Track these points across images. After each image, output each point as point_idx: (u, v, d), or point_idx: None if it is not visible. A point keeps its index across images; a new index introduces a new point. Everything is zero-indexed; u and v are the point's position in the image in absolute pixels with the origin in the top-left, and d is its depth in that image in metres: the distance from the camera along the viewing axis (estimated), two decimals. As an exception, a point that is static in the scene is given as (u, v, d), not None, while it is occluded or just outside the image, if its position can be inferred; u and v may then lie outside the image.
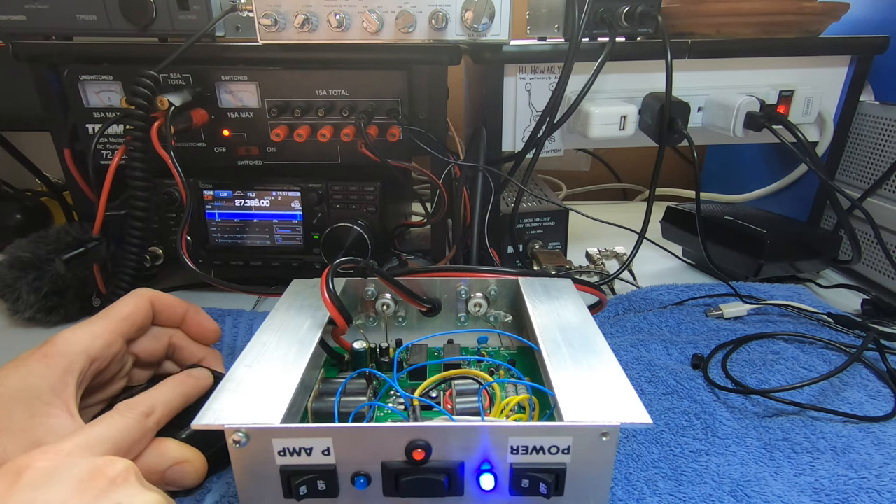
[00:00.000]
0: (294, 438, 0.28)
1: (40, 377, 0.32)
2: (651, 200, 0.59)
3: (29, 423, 0.30)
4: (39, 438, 0.30)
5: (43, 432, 0.30)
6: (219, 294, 0.62)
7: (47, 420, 0.31)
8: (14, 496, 0.25)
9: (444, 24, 0.49)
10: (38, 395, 0.31)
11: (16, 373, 0.32)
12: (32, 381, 0.32)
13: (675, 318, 0.55)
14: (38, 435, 0.30)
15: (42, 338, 0.34)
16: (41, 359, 0.32)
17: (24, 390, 0.31)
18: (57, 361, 0.32)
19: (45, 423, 0.31)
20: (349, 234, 0.56)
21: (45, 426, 0.30)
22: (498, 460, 0.29)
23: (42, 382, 0.32)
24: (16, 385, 0.31)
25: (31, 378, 0.32)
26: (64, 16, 0.52)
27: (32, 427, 0.30)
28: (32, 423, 0.30)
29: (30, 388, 0.31)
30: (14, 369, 0.32)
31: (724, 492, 0.35)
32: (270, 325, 0.38)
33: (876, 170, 0.64)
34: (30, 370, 0.32)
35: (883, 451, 0.38)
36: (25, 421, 0.30)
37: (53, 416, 0.31)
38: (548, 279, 0.44)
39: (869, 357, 0.48)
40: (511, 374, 0.40)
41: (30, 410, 0.31)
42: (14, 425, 0.30)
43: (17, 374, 0.32)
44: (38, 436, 0.30)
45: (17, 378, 0.32)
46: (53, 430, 0.30)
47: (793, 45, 0.59)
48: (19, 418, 0.30)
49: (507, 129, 0.60)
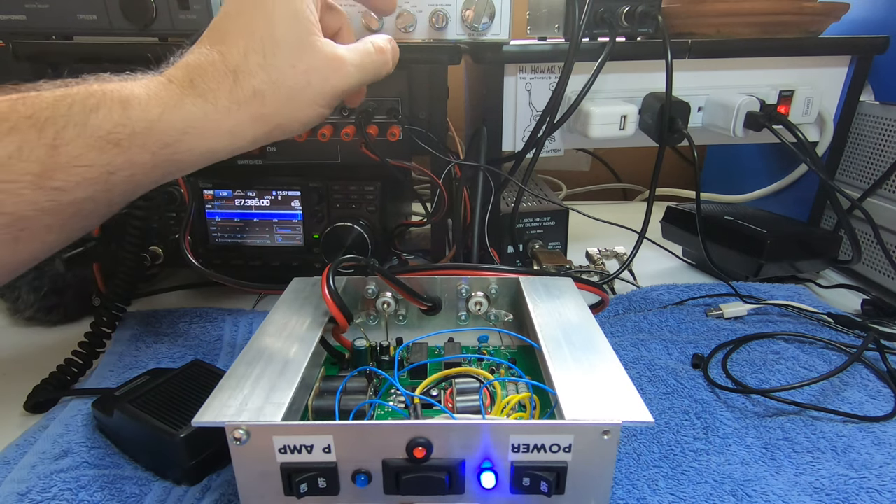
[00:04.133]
0: (295, 436, 0.28)
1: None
2: (651, 200, 0.59)
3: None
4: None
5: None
6: (219, 294, 0.62)
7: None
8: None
9: (444, 24, 0.49)
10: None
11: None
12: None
13: (676, 317, 0.55)
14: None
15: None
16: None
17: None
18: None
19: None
20: (349, 234, 0.56)
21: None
22: (499, 458, 0.29)
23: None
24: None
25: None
26: (64, 15, 0.52)
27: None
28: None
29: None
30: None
31: (724, 491, 0.35)
32: (271, 324, 0.38)
33: (876, 170, 0.64)
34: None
35: (883, 450, 0.38)
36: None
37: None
38: (549, 278, 0.44)
39: (869, 357, 0.48)
40: (512, 372, 0.40)
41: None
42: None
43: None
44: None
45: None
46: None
47: (793, 45, 0.59)
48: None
49: (507, 128, 0.60)
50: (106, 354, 0.49)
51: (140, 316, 0.55)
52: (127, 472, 0.36)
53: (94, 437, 0.39)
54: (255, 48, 0.32)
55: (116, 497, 0.34)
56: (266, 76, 0.32)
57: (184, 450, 0.34)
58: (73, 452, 0.37)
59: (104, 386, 0.43)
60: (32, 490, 0.33)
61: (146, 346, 0.50)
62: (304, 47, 0.33)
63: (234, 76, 0.32)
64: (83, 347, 0.47)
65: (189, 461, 0.35)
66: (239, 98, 0.32)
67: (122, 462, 0.37)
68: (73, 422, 0.40)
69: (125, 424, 0.37)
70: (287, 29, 0.33)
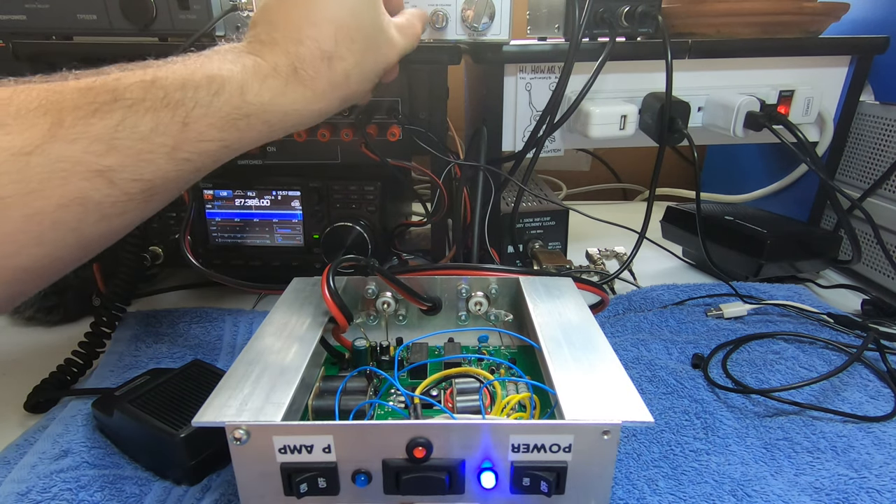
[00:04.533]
0: (295, 436, 0.28)
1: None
2: (651, 200, 0.59)
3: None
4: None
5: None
6: (219, 294, 0.62)
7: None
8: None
9: (444, 24, 0.49)
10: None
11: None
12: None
13: (676, 317, 0.55)
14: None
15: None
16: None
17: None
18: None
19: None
20: (349, 234, 0.56)
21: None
22: (499, 458, 0.29)
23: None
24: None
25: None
26: (64, 15, 0.52)
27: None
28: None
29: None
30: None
31: (724, 491, 0.35)
32: (271, 323, 0.38)
33: (876, 170, 0.64)
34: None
35: (883, 450, 0.38)
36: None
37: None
38: (549, 278, 0.44)
39: (869, 357, 0.48)
40: (512, 372, 0.40)
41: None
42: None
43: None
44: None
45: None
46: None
47: (793, 45, 0.59)
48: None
49: (507, 128, 0.60)
50: (106, 354, 0.49)
51: (140, 316, 0.55)
52: (127, 472, 0.36)
53: (94, 437, 0.39)
54: (344, 34, 0.35)
55: (116, 497, 0.34)
56: (353, 59, 0.36)
57: (184, 450, 0.34)
58: (73, 452, 0.37)
59: (104, 386, 0.43)
60: (32, 490, 0.33)
61: (146, 346, 0.50)
62: (377, 28, 0.38)
63: (329, 63, 0.35)
64: (83, 347, 0.47)
65: (189, 461, 0.35)
66: (334, 82, 0.35)
67: (122, 462, 0.37)
68: (73, 422, 0.40)
69: (125, 424, 0.37)
70: (365, 11, 0.36)
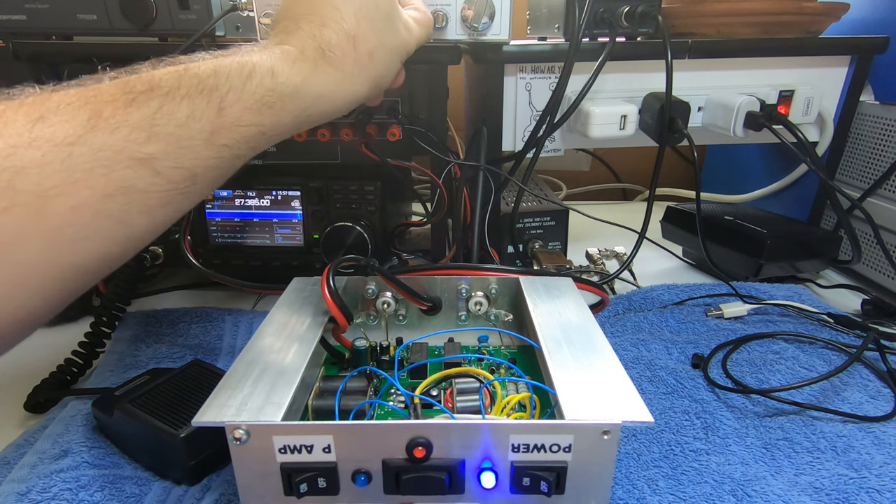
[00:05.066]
0: (295, 436, 0.28)
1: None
2: (651, 200, 0.59)
3: None
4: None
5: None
6: (219, 294, 0.62)
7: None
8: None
9: (444, 24, 0.49)
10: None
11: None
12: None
13: (676, 317, 0.55)
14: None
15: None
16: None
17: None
18: None
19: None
20: (349, 234, 0.56)
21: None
22: (499, 458, 0.29)
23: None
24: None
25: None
26: (64, 15, 0.52)
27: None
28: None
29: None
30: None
31: (724, 491, 0.35)
32: (271, 323, 0.38)
33: (876, 170, 0.64)
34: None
35: (883, 450, 0.38)
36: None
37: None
38: (549, 278, 0.44)
39: (869, 357, 0.48)
40: (512, 372, 0.40)
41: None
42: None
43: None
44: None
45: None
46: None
47: (793, 45, 0.59)
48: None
49: (507, 128, 0.60)
50: (106, 354, 0.49)
51: (140, 316, 0.55)
52: (127, 472, 0.36)
53: (94, 437, 0.39)
54: (364, 13, 0.36)
55: (116, 497, 0.34)
56: (376, 39, 0.36)
57: (184, 450, 0.34)
58: (73, 452, 0.37)
59: (104, 386, 0.43)
60: (32, 490, 0.33)
61: (146, 346, 0.50)
62: (394, 12, 0.39)
63: (354, 42, 0.35)
64: (83, 347, 0.47)
65: (189, 461, 0.35)
66: (361, 62, 0.36)
67: (122, 462, 0.37)
68: (73, 422, 0.40)
69: (125, 424, 0.37)
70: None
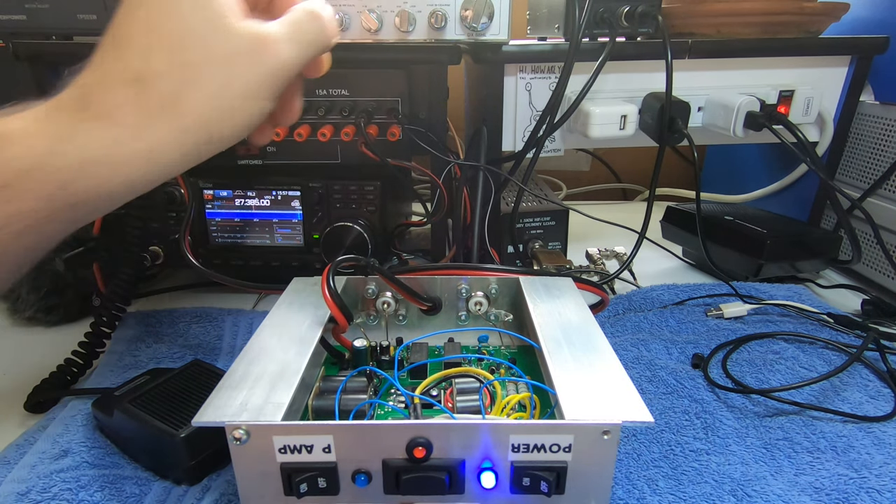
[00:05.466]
0: (295, 436, 0.28)
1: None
2: (651, 200, 0.59)
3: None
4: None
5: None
6: (219, 294, 0.62)
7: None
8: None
9: (443, 24, 0.49)
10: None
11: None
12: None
13: (676, 317, 0.55)
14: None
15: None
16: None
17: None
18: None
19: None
20: (349, 234, 0.56)
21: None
22: (499, 458, 0.29)
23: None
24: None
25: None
26: (64, 15, 0.52)
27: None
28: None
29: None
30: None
31: (724, 491, 0.35)
32: (271, 323, 0.38)
33: (876, 170, 0.64)
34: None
35: (883, 450, 0.38)
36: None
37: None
38: (549, 278, 0.44)
39: (869, 357, 0.48)
40: (512, 372, 0.40)
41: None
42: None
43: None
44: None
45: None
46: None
47: (793, 45, 0.59)
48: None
49: (508, 128, 0.60)
50: (106, 354, 0.49)
51: (140, 316, 0.55)
52: (127, 472, 0.36)
53: (94, 437, 0.39)
54: (160, 44, 0.27)
55: (116, 497, 0.34)
56: (179, 76, 0.27)
57: (184, 450, 0.34)
58: (73, 452, 0.37)
59: (104, 386, 0.43)
60: (32, 490, 0.33)
61: (146, 346, 0.50)
62: (217, 32, 0.28)
63: (139, 84, 0.26)
64: (83, 347, 0.47)
65: (189, 461, 0.35)
66: (149, 110, 0.26)
67: (122, 462, 0.37)
68: (73, 422, 0.40)
69: (125, 424, 0.37)
70: (194, 13, 0.27)
